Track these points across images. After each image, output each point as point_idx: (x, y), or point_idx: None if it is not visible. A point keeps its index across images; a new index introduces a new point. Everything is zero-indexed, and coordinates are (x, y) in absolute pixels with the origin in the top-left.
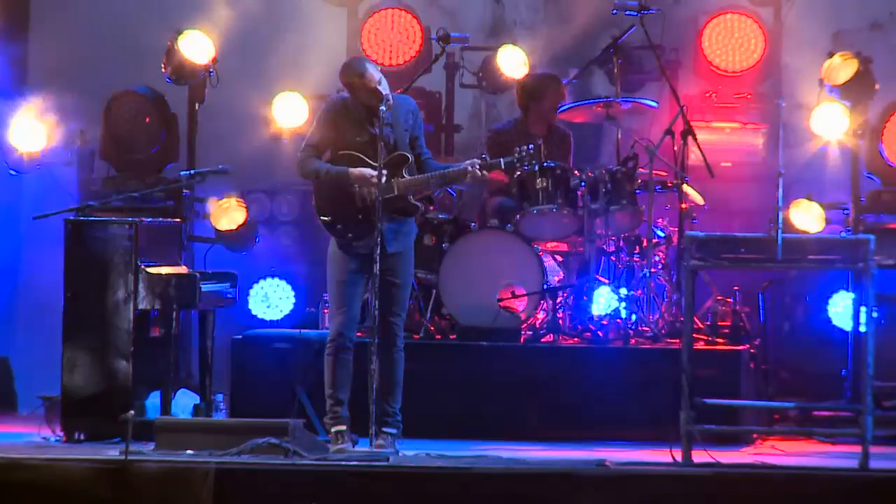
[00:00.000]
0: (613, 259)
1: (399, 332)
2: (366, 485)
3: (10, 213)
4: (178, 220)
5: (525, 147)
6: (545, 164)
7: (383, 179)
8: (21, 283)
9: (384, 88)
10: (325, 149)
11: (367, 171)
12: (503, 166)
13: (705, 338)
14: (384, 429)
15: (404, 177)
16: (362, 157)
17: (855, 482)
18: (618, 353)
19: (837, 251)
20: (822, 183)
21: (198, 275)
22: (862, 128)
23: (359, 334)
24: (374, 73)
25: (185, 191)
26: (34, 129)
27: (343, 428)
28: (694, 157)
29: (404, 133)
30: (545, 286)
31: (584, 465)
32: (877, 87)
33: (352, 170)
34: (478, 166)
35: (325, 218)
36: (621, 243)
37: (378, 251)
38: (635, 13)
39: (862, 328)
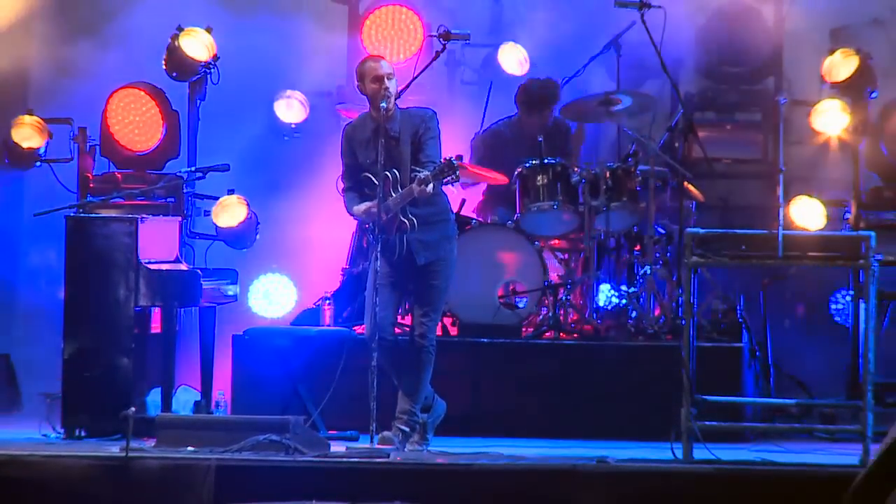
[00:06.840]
0: (614, 256)
1: (428, 333)
2: (366, 482)
3: (10, 209)
4: (178, 216)
5: (448, 158)
6: (546, 160)
7: (385, 202)
8: (22, 280)
9: (392, 86)
10: (354, 175)
11: (363, 205)
12: (431, 179)
13: (706, 335)
14: (399, 426)
15: (391, 195)
16: (371, 177)
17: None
18: (618, 349)
19: (838, 248)
20: (822, 180)
21: (198, 271)
22: (862, 125)
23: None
24: (385, 66)
25: (185, 188)
26: (35, 126)
27: (404, 429)
28: (695, 154)
29: (409, 147)
30: (546, 283)
31: (585, 461)
32: (878, 83)
33: (355, 208)
34: (416, 185)
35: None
36: (622, 240)
37: (379, 255)
38: (636, 9)
39: (863, 325)
